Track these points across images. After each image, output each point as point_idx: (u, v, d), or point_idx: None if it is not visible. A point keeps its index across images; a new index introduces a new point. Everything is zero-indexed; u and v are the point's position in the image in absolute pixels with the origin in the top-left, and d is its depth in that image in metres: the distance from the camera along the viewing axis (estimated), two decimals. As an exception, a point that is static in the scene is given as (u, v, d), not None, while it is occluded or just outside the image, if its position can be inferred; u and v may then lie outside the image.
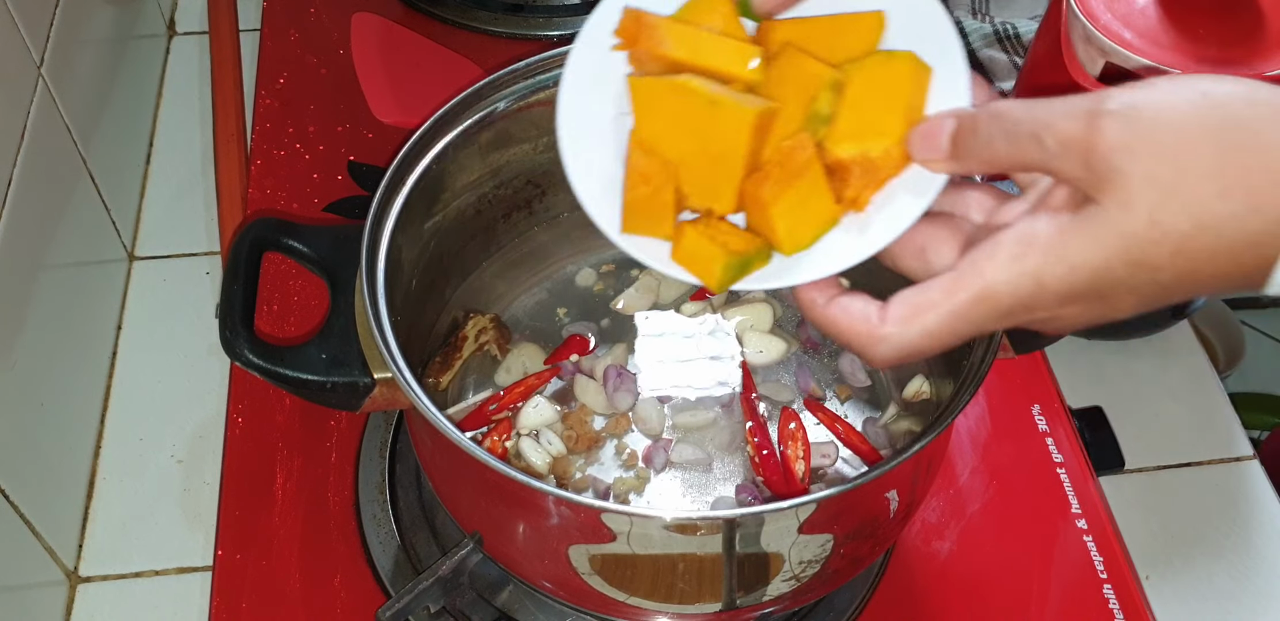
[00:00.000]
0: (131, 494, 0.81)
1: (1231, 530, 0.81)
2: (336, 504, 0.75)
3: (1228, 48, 0.71)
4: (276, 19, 1.02)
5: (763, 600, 0.61)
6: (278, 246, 0.61)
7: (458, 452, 0.53)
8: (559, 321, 0.73)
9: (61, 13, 0.85)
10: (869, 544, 0.61)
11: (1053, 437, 0.78)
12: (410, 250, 0.64)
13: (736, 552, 0.56)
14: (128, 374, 0.87)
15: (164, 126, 1.03)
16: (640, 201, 0.48)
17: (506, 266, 0.74)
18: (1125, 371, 0.88)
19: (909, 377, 0.69)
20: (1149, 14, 0.72)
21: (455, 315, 0.72)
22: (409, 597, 0.62)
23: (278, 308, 0.83)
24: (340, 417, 0.78)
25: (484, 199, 0.70)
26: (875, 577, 0.72)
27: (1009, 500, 0.76)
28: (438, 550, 0.72)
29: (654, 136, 0.48)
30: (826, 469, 0.67)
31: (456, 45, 0.99)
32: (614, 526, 0.54)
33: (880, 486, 0.57)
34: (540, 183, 0.72)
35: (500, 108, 0.65)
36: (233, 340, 0.56)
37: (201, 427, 0.84)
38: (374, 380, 0.57)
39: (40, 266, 0.78)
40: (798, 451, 0.67)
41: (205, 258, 0.94)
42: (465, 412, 0.69)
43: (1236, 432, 0.86)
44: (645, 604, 0.60)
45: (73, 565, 0.78)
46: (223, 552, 0.72)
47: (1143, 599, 0.72)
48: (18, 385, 0.74)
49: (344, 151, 0.93)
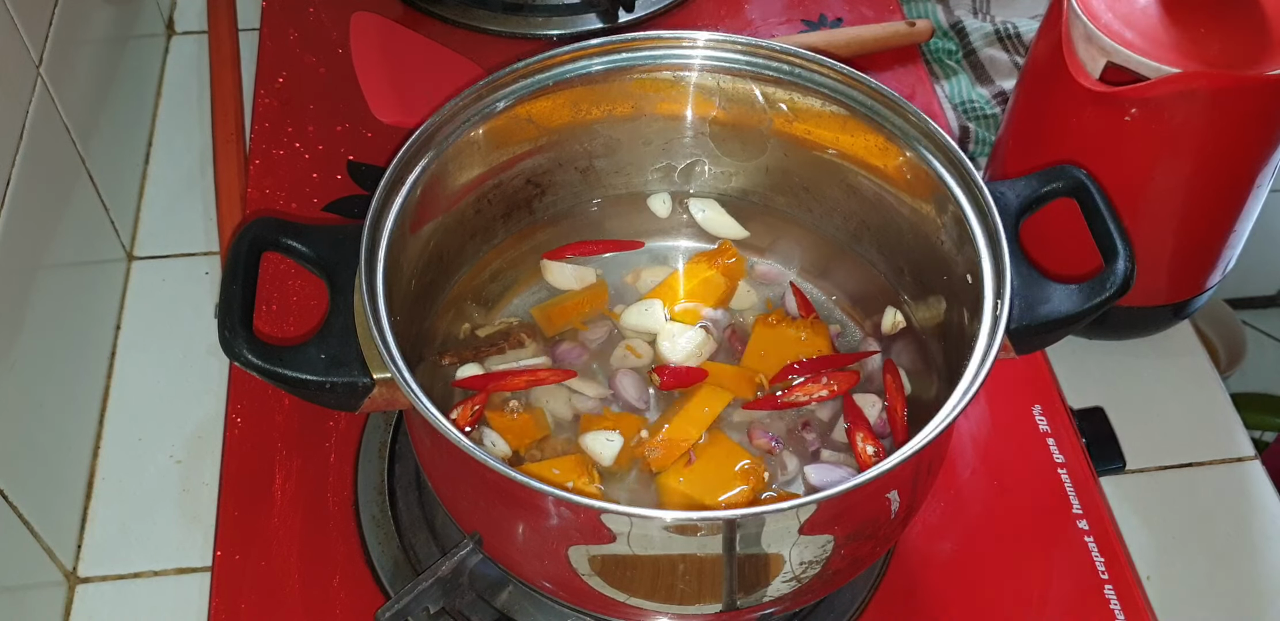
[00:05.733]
0: (130, 494, 0.81)
1: (1233, 530, 0.81)
2: (336, 504, 0.74)
3: (1228, 47, 0.71)
4: (275, 18, 1.02)
5: (763, 601, 0.61)
6: (277, 246, 0.61)
7: (457, 453, 0.53)
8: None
9: (60, 12, 0.85)
10: (870, 544, 0.61)
11: (1053, 438, 0.78)
12: (410, 250, 0.64)
13: (737, 553, 0.56)
14: (127, 374, 0.87)
15: (163, 126, 1.03)
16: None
17: (506, 266, 0.74)
18: (1126, 371, 0.88)
19: (874, 303, 0.69)
20: (1150, 14, 0.72)
21: (509, 322, 0.72)
22: (408, 598, 0.62)
23: (277, 307, 0.83)
24: (339, 418, 0.78)
25: (484, 199, 0.69)
26: (876, 578, 0.72)
27: (1010, 500, 0.76)
28: (437, 550, 0.72)
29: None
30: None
31: (456, 45, 0.99)
32: (614, 527, 0.54)
33: (881, 487, 0.57)
34: (540, 182, 0.72)
35: (500, 107, 0.65)
36: (232, 340, 0.56)
37: (200, 428, 0.84)
38: (373, 380, 0.57)
39: (39, 266, 0.78)
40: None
41: (204, 257, 0.94)
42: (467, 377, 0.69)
43: (1238, 433, 0.85)
44: (645, 604, 0.60)
45: (71, 565, 0.78)
46: (222, 553, 0.72)
47: (1144, 599, 0.72)
48: (17, 385, 0.73)
49: (343, 151, 0.92)
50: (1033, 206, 0.63)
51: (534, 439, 0.67)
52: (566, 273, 0.74)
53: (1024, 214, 0.63)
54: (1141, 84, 0.71)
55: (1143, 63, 0.70)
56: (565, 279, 0.74)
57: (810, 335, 0.70)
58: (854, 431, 0.67)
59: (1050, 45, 0.76)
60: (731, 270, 0.73)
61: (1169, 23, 0.72)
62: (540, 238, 0.74)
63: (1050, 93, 0.77)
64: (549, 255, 0.74)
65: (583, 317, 0.73)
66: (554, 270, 0.73)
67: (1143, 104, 0.72)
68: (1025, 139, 0.82)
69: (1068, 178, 0.63)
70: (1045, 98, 0.78)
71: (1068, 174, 0.63)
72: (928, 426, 0.55)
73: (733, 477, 0.64)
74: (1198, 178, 0.76)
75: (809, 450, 0.68)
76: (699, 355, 0.70)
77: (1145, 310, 0.86)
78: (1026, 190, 0.63)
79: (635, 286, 0.74)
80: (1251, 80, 0.69)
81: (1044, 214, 0.63)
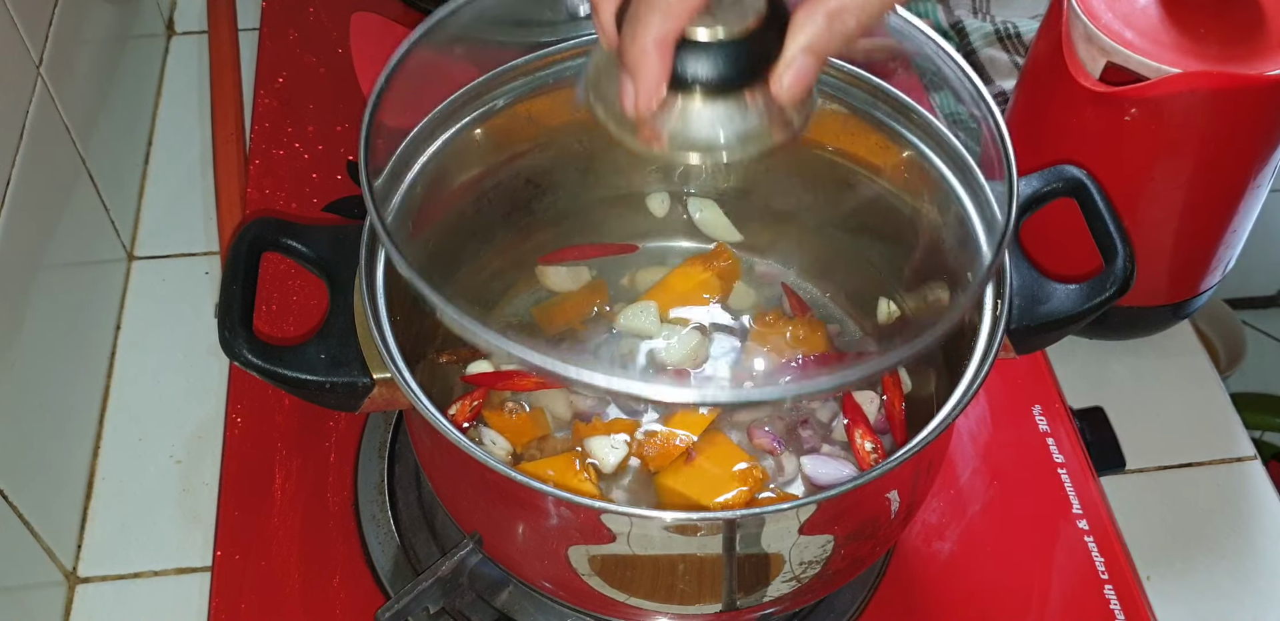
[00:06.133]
0: (130, 494, 0.81)
1: (1233, 530, 0.81)
2: (336, 504, 0.74)
3: (1229, 47, 0.71)
4: (275, 18, 1.02)
5: (763, 601, 0.60)
6: (277, 246, 0.61)
7: (457, 453, 0.53)
8: (558, 321, 0.74)
9: (60, 12, 0.85)
10: (870, 544, 0.61)
11: (1053, 438, 0.78)
12: (410, 249, 0.63)
13: (737, 553, 0.56)
14: (127, 374, 0.87)
15: (163, 126, 1.03)
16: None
17: (506, 266, 0.74)
18: (1126, 371, 0.88)
19: (873, 302, 0.69)
20: (1150, 13, 0.72)
21: (509, 322, 0.72)
22: (408, 598, 0.62)
23: (277, 307, 0.83)
24: (339, 418, 0.78)
25: (483, 198, 0.69)
26: (876, 578, 0.72)
27: (1010, 500, 0.76)
28: (437, 550, 0.72)
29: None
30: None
31: (456, 45, 0.99)
32: (614, 527, 0.54)
33: (881, 487, 0.57)
34: (540, 182, 0.72)
35: (499, 105, 0.65)
36: (232, 340, 0.56)
37: (200, 428, 0.84)
38: (373, 380, 0.57)
39: (39, 266, 0.78)
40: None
41: (204, 257, 0.94)
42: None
43: (1238, 433, 0.85)
44: (645, 604, 0.60)
45: (71, 565, 0.78)
46: (222, 553, 0.72)
47: (1144, 599, 0.72)
48: (16, 385, 0.73)
49: (343, 151, 0.92)
50: (1033, 206, 0.63)
51: (533, 438, 0.67)
52: (562, 275, 0.74)
53: (1024, 214, 0.63)
54: (1141, 84, 0.71)
55: (1143, 63, 0.70)
56: (562, 281, 0.74)
57: (808, 334, 0.70)
58: (852, 428, 0.67)
59: (1050, 45, 0.76)
60: (727, 272, 0.73)
61: (1169, 23, 0.72)
62: (540, 237, 0.74)
63: (1050, 93, 0.77)
64: (544, 259, 0.74)
65: (582, 317, 0.73)
66: (550, 274, 0.73)
67: (1143, 104, 0.72)
68: (1025, 139, 0.82)
69: (1068, 178, 0.63)
70: (1045, 98, 0.78)
71: (1068, 174, 0.63)
72: (928, 426, 0.55)
73: (732, 478, 0.64)
74: (1198, 178, 0.76)
75: (807, 448, 0.68)
76: (695, 357, 0.70)
77: (1145, 310, 0.86)
78: (1026, 190, 0.63)
79: (631, 288, 0.74)
80: (1251, 80, 0.69)
81: (1044, 214, 0.63)
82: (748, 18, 0.46)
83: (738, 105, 0.48)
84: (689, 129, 0.48)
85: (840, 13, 0.44)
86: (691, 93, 0.47)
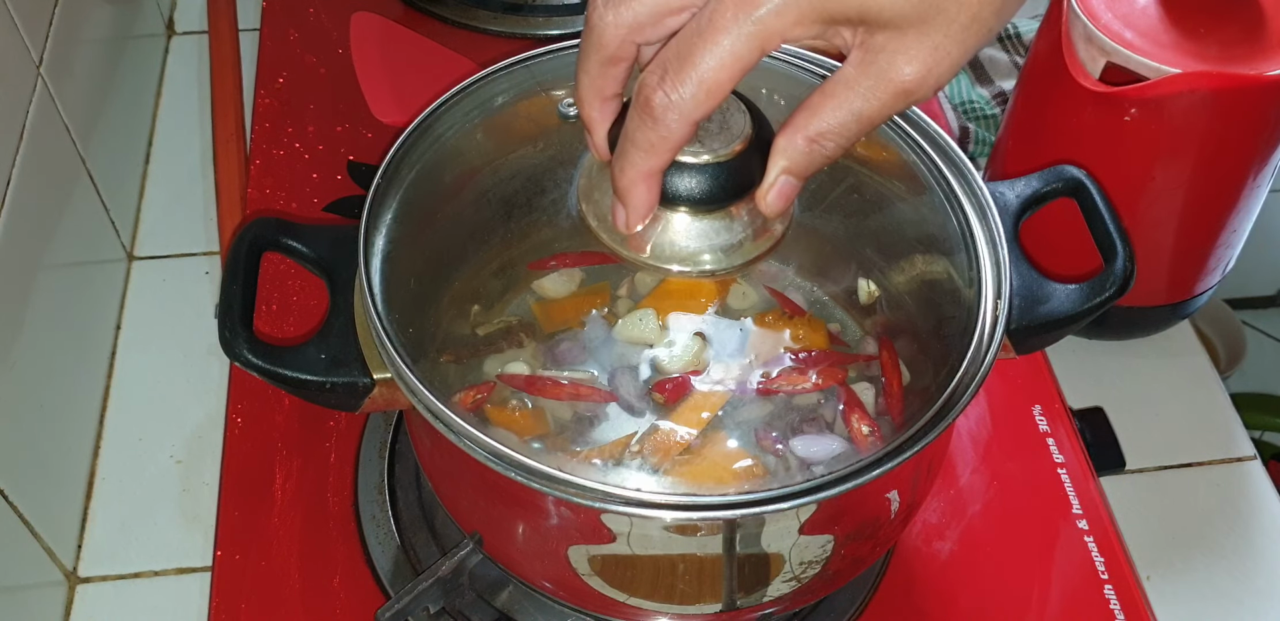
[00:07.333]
0: (130, 494, 0.81)
1: (1233, 530, 0.81)
2: (336, 504, 0.74)
3: (1229, 47, 0.71)
4: (276, 18, 1.02)
5: (763, 601, 0.61)
6: (277, 246, 0.61)
7: (457, 453, 0.53)
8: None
9: (60, 12, 0.85)
10: (869, 544, 0.61)
11: (1053, 438, 0.78)
12: (409, 249, 0.63)
13: (737, 553, 0.56)
14: (127, 374, 0.87)
15: (163, 126, 1.03)
16: None
17: (506, 265, 0.74)
18: (1126, 371, 0.88)
19: (853, 282, 0.69)
20: (1150, 14, 0.72)
21: (509, 321, 0.72)
22: (409, 598, 0.62)
23: (277, 308, 0.83)
24: (340, 418, 0.78)
25: (483, 197, 0.69)
26: (876, 578, 0.72)
27: (1010, 501, 0.76)
28: (437, 550, 0.72)
29: None
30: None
31: (456, 45, 0.99)
32: (614, 527, 0.54)
33: (880, 487, 0.57)
34: (540, 181, 0.71)
35: (498, 103, 0.65)
36: (232, 340, 0.56)
37: (201, 428, 0.84)
38: (373, 380, 0.57)
39: (39, 266, 0.78)
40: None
41: (204, 257, 0.94)
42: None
43: (1238, 433, 0.85)
44: (645, 604, 0.60)
45: (71, 565, 0.78)
46: (222, 553, 0.72)
47: (1144, 599, 0.72)
48: (16, 385, 0.73)
49: (343, 151, 0.92)
50: (1033, 206, 0.63)
51: (533, 436, 0.67)
52: (557, 281, 0.73)
53: (1024, 214, 0.63)
54: (1141, 84, 0.71)
55: (1143, 63, 0.70)
56: (556, 287, 0.73)
57: (807, 332, 0.70)
58: (849, 412, 0.67)
59: (1050, 45, 0.76)
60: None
61: (1169, 23, 0.72)
62: (540, 237, 0.74)
63: (1050, 93, 0.77)
64: (533, 266, 0.73)
65: (582, 316, 0.72)
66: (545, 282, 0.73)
67: (1143, 104, 0.72)
68: (1025, 139, 0.82)
69: (1068, 178, 0.63)
70: (1045, 98, 0.78)
71: (1068, 174, 0.63)
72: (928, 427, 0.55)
73: (732, 478, 0.64)
74: (1198, 178, 0.76)
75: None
76: (695, 363, 0.70)
77: (1145, 310, 0.86)
78: (1026, 190, 0.63)
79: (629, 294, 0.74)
80: (1251, 80, 0.69)
81: (1044, 214, 0.63)
82: (733, 142, 0.49)
83: (724, 220, 0.52)
84: (677, 243, 0.52)
85: (820, 138, 0.46)
86: (680, 210, 0.51)
